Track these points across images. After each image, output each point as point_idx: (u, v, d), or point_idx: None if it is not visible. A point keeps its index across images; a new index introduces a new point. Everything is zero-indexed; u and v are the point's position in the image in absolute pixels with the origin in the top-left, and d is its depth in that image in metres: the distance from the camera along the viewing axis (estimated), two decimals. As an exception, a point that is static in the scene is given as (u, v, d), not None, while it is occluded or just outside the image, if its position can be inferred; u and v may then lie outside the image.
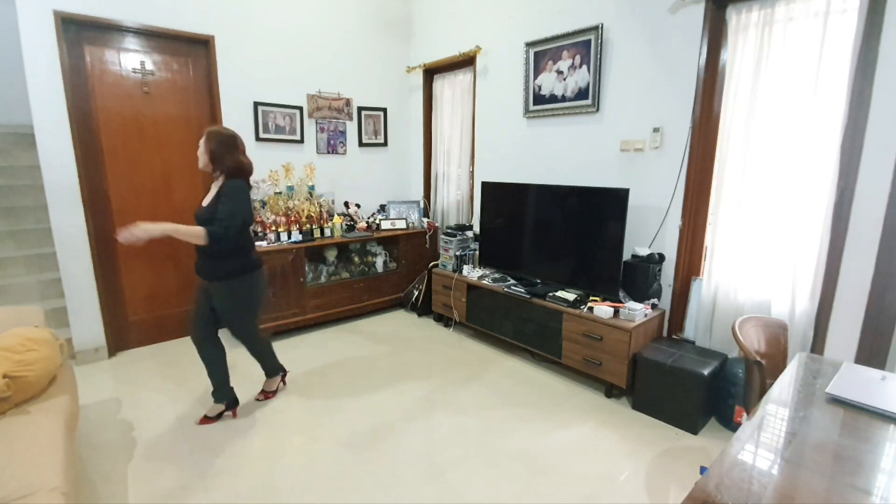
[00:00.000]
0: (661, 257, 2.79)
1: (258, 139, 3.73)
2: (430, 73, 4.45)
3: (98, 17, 2.96)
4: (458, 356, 3.32)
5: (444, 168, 4.50)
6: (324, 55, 4.01)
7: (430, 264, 4.08)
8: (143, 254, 3.35)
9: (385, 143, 4.57)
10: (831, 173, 2.15)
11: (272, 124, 3.79)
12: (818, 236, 2.23)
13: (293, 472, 2.08)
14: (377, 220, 4.21)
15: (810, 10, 2.18)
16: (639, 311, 2.62)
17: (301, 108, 3.93)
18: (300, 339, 3.61)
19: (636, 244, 2.90)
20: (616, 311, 2.68)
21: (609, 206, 2.76)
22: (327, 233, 3.78)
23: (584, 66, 3.06)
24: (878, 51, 1.97)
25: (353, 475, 2.07)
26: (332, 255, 3.94)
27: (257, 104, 3.68)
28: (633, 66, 2.84)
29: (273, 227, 3.53)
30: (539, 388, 2.85)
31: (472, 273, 3.65)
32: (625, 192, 2.67)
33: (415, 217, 4.43)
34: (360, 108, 4.32)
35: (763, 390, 1.63)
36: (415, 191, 4.80)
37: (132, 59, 3.17)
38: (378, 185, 4.58)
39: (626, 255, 2.84)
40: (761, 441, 1.23)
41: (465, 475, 2.07)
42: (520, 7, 3.45)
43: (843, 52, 2.09)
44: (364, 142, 4.40)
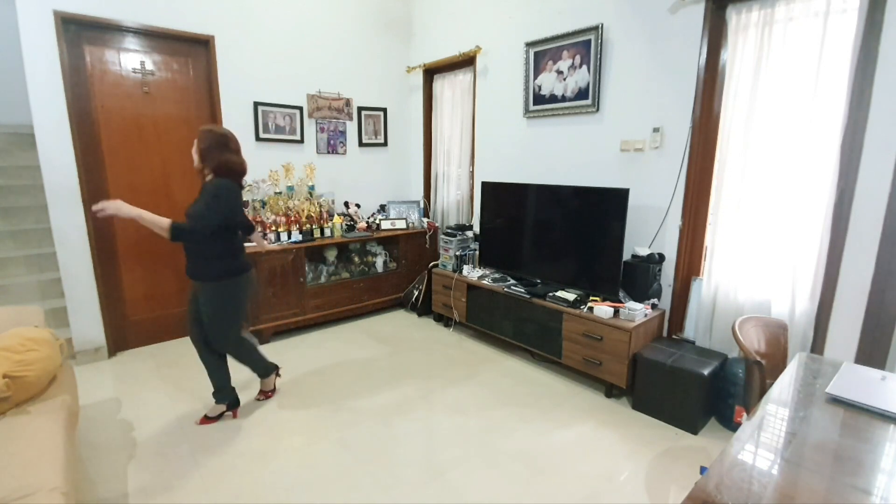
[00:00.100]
0: (661, 257, 2.79)
1: (258, 139, 3.73)
2: (430, 73, 4.45)
3: (98, 17, 2.96)
4: (458, 356, 3.32)
5: (444, 168, 4.50)
6: (324, 55, 4.01)
7: (430, 264, 4.08)
8: (144, 254, 3.36)
9: (385, 143, 4.57)
10: (831, 173, 2.16)
11: (272, 124, 3.79)
12: (818, 236, 2.24)
13: (293, 473, 2.08)
14: (377, 220, 4.21)
15: (810, 10, 2.18)
16: (639, 311, 2.62)
17: (301, 108, 3.93)
18: (300, 339, 3.61)
19: (636, 244, 2.90)
20: (616, 311, 2.68)
21: (609, 206, 2.76)
22: (327, 233, 3.78)
23: (584, 66, 3.06)
24: (878, 51, 1.97)
25: (352, 475, 2.07)
26: (332, 255, 3.94)
27: (257, 104, 3.68)
28: (633, 66, 2.84)
29: (273, 227, 3.53)
30: (539, 388, 2.85)
31: (472, 273, 3.65)
32: (625, 192, 2.67)
33: (415, 217, 4.43)
34: (360, 108, 4.32)
35: (763, 390, 1.64)
36: (415, 191, 4.80)
37: (132, 59, 3.17)
38: (378, 185, 4.58)
39: (626, 255, 2.84)
40: (761, 441, 1.23)
41: (465, 475, 2.07)
42: (520, 7, 3.45)
43: (843, 52, 2.09)
44: (364, 142, 4.40)
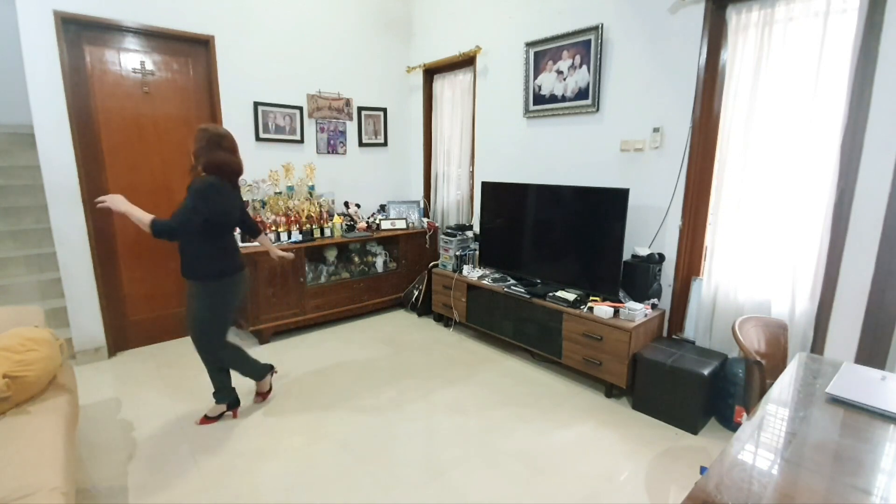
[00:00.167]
0: (661, 257, 2.79)
1: (258, 139, 3.73)
2: (430, 73, 4.44)
3: (98, 17, 2.96)
4: (458, 356, 3.32)
5: (444, 168, 4.50)
6: (324, 55, 4.01)
7: (430, 264, 4.08)
8: (144, 253, 3.36)
9: (385, 143, 4.57)
10: (831, 173, 2.16)
11: (272, 124, 3.79)
12: (818, 236, 2.23)
13: (293, 473, 2.08)
14: (377, 220, 4.21)
15: (810, 10, 2.18)
16: (639, 311, 2.62)
17: (301, 108, 3.93)
18: (300, 339, 3.61)
19: (636, 244, 2.90)
20: (616, 311, 2.68)
21: (609, 205, 2.76)
22: (327, 233, 3.78)
23: (584, 66, 3.06)
24: (878, 51, 1.97)
25: (352, 475, 2.07)
26: (332, 255, 3.94)
27: (257, 104, 3.68)
28: (633, 66, 2.84)
29: (273, 227, 3.53)
30: (539, 388, 2.85)
31: (472, 273, 3.65)
32: (625, 192, 2.67)
33: (415, 217, 4.43)
34: (360, 108, 4.32)
35: (763, 390, 1.64)
36: (415, 191, 4.80)
37: (132, 59, 3.17)
38: (378, 185, 4.58)
39: (626, 255, 2.84)
40: (761, 441, 1.23)
41: (465, 475, 2.07)
42: (520, 7, 3.45)
43: (843, 52, 2.09)
44: (364, 142, 4.40)
